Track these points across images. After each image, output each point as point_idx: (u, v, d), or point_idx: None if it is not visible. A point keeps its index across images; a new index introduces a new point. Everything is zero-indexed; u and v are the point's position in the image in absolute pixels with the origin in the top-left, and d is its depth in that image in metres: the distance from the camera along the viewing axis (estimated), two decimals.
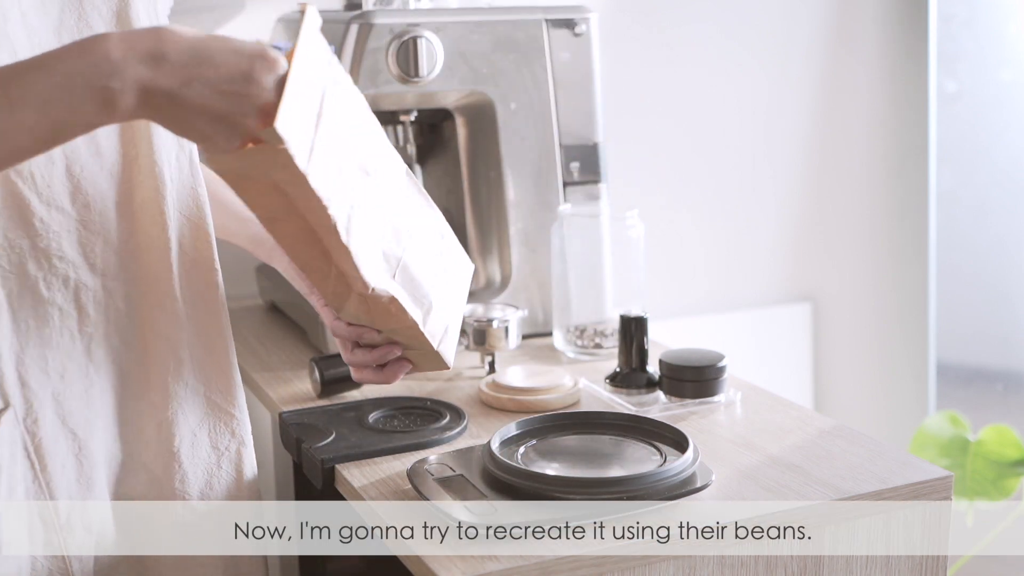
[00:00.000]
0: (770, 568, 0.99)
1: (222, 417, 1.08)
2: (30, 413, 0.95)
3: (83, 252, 0.97)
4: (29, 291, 0.94)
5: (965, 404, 2.09)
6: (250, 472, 1.11)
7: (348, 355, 1.11)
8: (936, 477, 1.05)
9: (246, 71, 0.85)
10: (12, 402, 0.94)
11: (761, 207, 2.08)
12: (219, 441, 1.08)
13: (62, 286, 0.96)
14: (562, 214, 1.44)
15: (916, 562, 1.05)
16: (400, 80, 1.39)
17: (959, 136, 2.11)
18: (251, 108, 0.86)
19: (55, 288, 0.96)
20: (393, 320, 1.05)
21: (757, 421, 1.20)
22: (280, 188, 0.93)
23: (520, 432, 1.10)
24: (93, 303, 0.98)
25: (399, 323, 1.06)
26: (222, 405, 1.08)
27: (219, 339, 1.08)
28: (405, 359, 1.11)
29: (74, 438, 0.98)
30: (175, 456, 1.05)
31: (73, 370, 0.97)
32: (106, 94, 0.82)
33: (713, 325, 2.04)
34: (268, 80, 0.86)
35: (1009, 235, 2.12)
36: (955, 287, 2.14)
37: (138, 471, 1.04)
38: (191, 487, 1.06)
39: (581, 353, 1.43)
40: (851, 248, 2.16)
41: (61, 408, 0.97)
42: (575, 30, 1.48)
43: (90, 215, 0.97)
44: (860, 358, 2.19)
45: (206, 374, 1.07)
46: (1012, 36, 2.10)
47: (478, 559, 0.90)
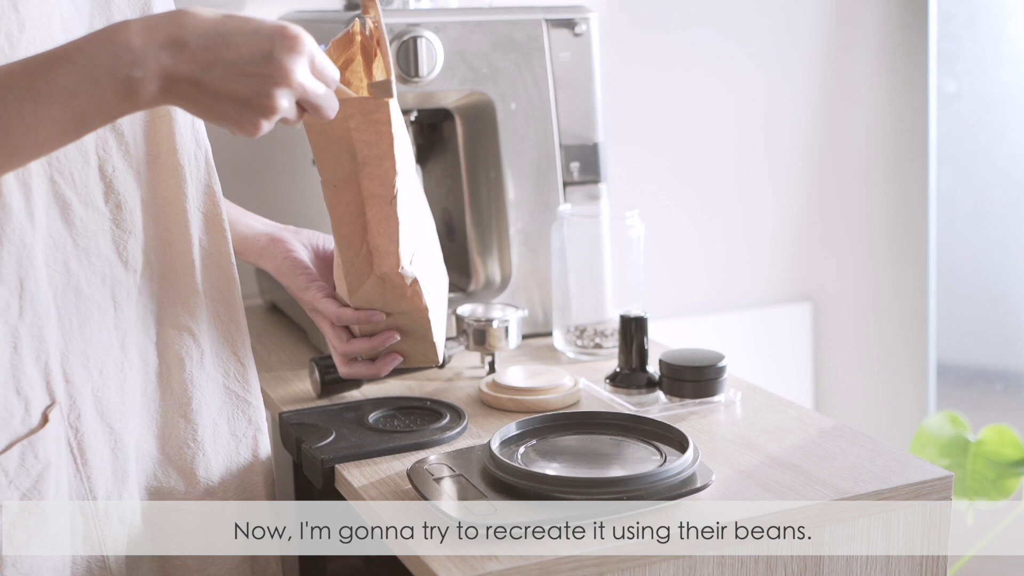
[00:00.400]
0: (770, 568, 0.99)
1: (239, 405, 1.11)
2: (73, 409, 0.96)
3: (116, 250, 0.99)
4: (73, 289, 0.96)
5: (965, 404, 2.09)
6: (264, 456, 1.13)
7: (345, 345, 1.14)
8: (936, 477, 1.05)
9: (267, 51, 0.85)
10: (58, 398, 0.95)
11: (761, 207, 2.08)
12: (237, 428, 1.11)
13: (100, 283, 0.98)
14: (562, 214, 1.44)
15: (916, 562, 1.05)
16: (400, 80, 1.39)
17: (959, 136, 2.11)
18: (273, 88, 0.85)
19: (95, 286, 0.97)
20: (406, 303, 1.10)
21: (757, 421, 1.20)
22: (354, 151, 1.02)
23: (520, 432, 1.10)
24: (126, 299, 1.00)
25: (412, 306, 1.11)
26: (240, 393, 1.11)
27: (236, 330, 1.10)
28: (396, 352, 1.16)
29: (111, 432, 1.00)
30: (200, 445, 1.07)
31: (110, 365, 0.99)
32: (129, 83, 0.82)
33: (713, 325, 2.04)
34: (288, 60, 0.86)
35: (1009, 235, 2.12)
36: (955, 287, 2.14)
37: (166, 463, 1.06)
38: (214, 474, 1.08)
39: (581, 353, 1.43)
40: (851, 248, 2.16)
41: (100, 403, 0.99)
42: (575, 30, 1.48)
43: (121, 214, 0.99)
44: (860, 358, 2.19)
45: (224, 364, 1.09)
46: (1012, 36, 2.10)
47: (478, 559, 0.90)
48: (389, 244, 1.07)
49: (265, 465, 1.14)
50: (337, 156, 1.04)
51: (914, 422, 2.15)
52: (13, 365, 0.92)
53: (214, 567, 1.09)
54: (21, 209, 0.91)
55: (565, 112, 1.49)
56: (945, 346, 2.15)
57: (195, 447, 1.07)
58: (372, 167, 1.04)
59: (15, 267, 0.91)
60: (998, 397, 2.15)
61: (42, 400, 0.94)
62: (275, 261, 1.20)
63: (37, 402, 0.93)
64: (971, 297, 2.15)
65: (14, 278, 0.91)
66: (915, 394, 2.18)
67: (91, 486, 0.98)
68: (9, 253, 0.90)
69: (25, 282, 0.92)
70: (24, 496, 0.92)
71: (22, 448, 0.92)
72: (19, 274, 0.91)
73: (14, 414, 0.92)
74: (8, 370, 0.91)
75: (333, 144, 1.03)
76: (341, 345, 1.15)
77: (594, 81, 1.50)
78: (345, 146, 1.03)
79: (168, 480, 1.06)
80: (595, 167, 1.52)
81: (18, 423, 0.92)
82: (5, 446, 0.91)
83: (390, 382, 1.34)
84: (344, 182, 1.05)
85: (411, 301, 1.10)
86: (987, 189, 2.14)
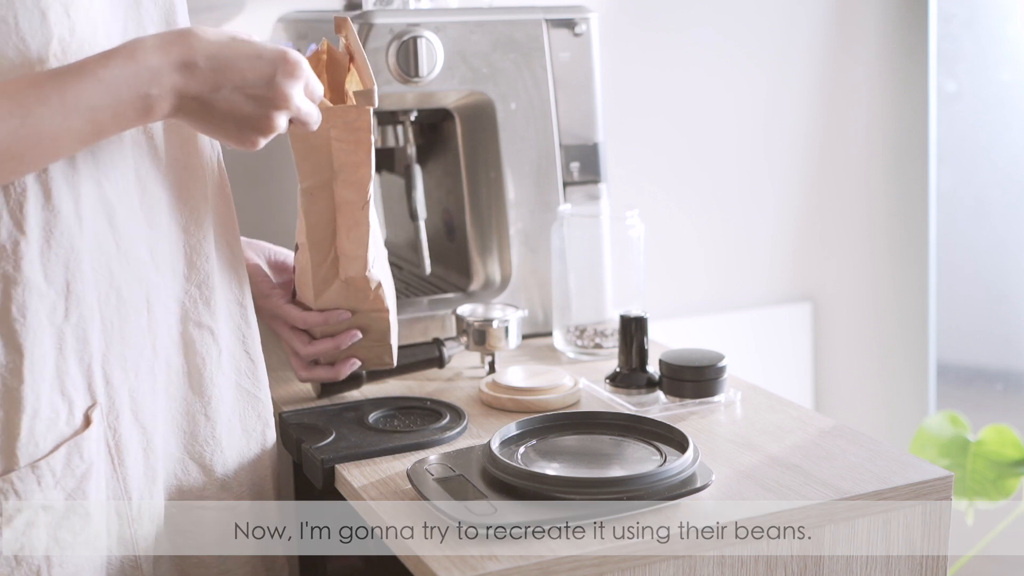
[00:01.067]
0: (770, 568, 0.99)
1: (250, 401, 1.13)
2: (112, 409, 0.98)
3: (151, 253, 1.01)
4: (115, 292, 0.98)
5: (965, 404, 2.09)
6: (272, 449, 1.16)
7: (307, 348, 1.22)
8: (936, 477, 1.05)
9: (269, 76, 0.94)
10: (99, 399, 0.97)
11: (761, 207, 2.08)
12: (248, 424, 1.13)
13: (137, 285, 1.00)
14: (562, 214, 1.44)
15: (916, 562, 1.05)
16: (400, 80, 1.39)
17: (959, 136, 2.11)
18: (273, 111, 0.95)
19: (132, 288, 0.99)
20: (368, 305, 1.18)
21: (757, 421, 1.20)
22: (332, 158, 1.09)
23: (520, 432, 1.10)
24: (157, 301, 1.02)
25: (374, 307, 1.18)
26: (251, 390, 1.13)
27: (247, 327, 1.13)
28: (353, 356, 1.24)
29: (143, 432, 1.02)
30: (218, 442, 1.09)
31: (143, 367, 1.01)
32: (147, 100, 0.90)
33: (713, 325, 2.04)
34: (288, 85, 0.95)
35: (1009, 235, 2.12)
36: (955, 287, 2.14)
37: (187, 460, 1.08)
38: (230, 469, 1.10)
39: (581, 353, 1.43)
40: (851, 248, 2.16)
41: (135, 404, 1.01)
42: (575, 30, 1.48)
43: (154, 217, 1.02)
44: (860, 358, 2.19)
45: (236, 361, 1.11)
46: (1012, 36, 2.10)
47: (478, 559, 0.90)
48: (358, 248, 1.13)
49: (273, 458, 1.16)
50: (316, 164, 1.10)
51: (914, 422, 2.15)
52: (58, 367, 0.93)
53: (231, 562, 1.11)
54: (70, 212, 0.93)
55: (565, 112, 1.49)
56: (945, 346, 2.15)
57: (214, 444, 1.09)
58: (348, 174, 1.11)
59: (63, 270, 0.93)
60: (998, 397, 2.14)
61: (84, 401, 0.95)
62: None
63: (80, 403, 0.95)
64: (971, 297, 2.15)
65: (61, 280, 0.93)
66: (915, 394, 2.18)
67: (126, 486, 1.00)
68: (57, 256, 0.92)
69: (72, 284, 0.93)
70: (69, 496, 0.94)
71: (68, 449, 0.93)
72: (66, 276, 0.93)
73: (59, 415, 0.93)
74: (54, 372, 0.93)
75: (313, 153, 1.10)
76: (304, 348, 1.22)
77: (594, 81, 1.50)
78: (324, 154, 1.10)
79: (187, 477, 1.08)
80: (595, 167, 1.52)
81: (63, 424, 0.94)
82: (52, 447, 0.93)
83: (390, 382, 1.34)
84: (320, 189, 1.12)
85: (373, 303, 1.18)
86: (987, 189, 2.14)
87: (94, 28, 0.93)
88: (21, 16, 0.87)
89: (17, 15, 0.87)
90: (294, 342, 1.23)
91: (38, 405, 0.91)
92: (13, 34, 0.87)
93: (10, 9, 0.87)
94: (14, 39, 0.87)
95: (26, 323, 0.90)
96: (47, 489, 0.92)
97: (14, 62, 0.87)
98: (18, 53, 0.87)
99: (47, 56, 0.89)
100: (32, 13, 0.88)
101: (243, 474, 1.12)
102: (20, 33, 0.87)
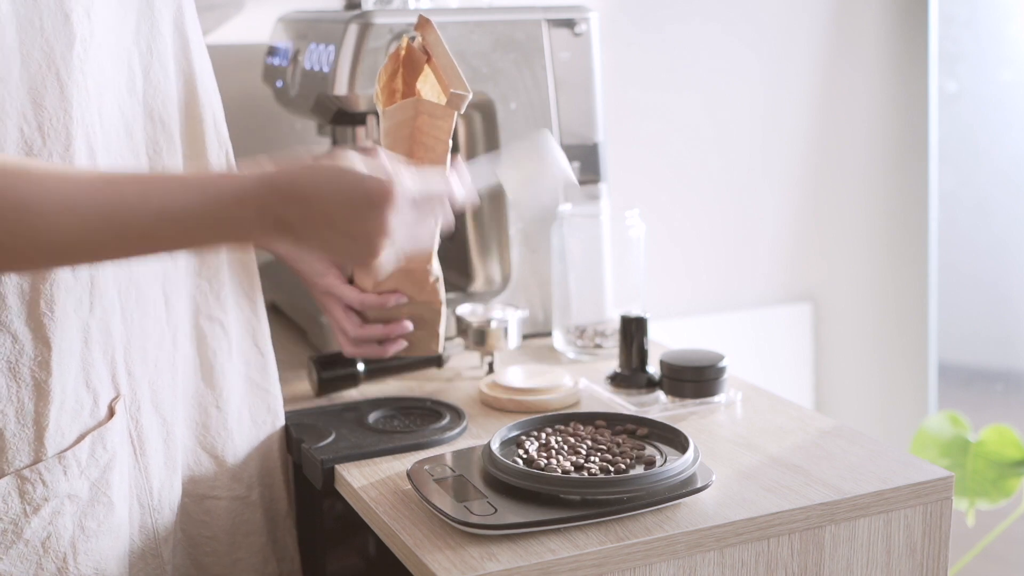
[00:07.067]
0: (770, 568, 0.99)
1: (260, 394, 1.15)
2: (134, 401, 1.01)
3: None
4: (134, 285, 1.00)
5: (965, 404, 2.09)
6: (279, 440, 1.17)
7: (359, 330, 1.20)
8: (936, 477, 1.04)
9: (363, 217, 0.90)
10: (122, 391, 0.99)
11: (761, 207, 2.08)
12: (257, 416, 1.15)
13: (154, 279, 1.02)
14: (562, 214, 1.43)
15: (916, 562, 1.05)
16: None
17: (959, 136, 2.11)
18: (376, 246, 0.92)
19: (151, 281, 1.02)
20: (425, 296, 1.18)
21: (757, 421, 1.20)
22: (412, 151, 1.11)
23: (520, 432, 1.10)
24: (174, 293, 1.05)
25: (429, 298, 1.18)
26: (260, 383, 1.15)
27: (257, 322, 1.14)
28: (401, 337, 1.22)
29: (164, 423, 1.04)
30: (229, 434, 1.11)
31: (163, 359, 1.04)
32: (243, 243, 1.02)
33: (713, 325, 2.04)
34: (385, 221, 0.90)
35: (1009, 235, 2.12)
36: (955, 287, 2.14)
37: (200, 451, 1.10)
38: (240, 461, 1.12)
39: (581, 353, 1.42)
40: (851, 248, 2.16)
41: (155, 395, 1.03)
42: (575, 30, 1.48)
43: None
44: (860, 358, 2.19)
45: (246, 354, 1.13)
46: (1012, 36, 2.10)
47: (478, 559, 0.90)
48: None
49: (282, 449, 1.17)
50: (396, 150, 1.11)
51: (914, 422, 2.15)
52: (83, 359, 0.95)
53: (242, 550, 1.13)
54: None
55: (565, 112, 1.49)
56: (945, 346, 2.14)
57: (225, 435, 1.11)
58: (427, 162, 1.11)
59: None
60: (998, 397, 2.14)
61: (108, 393, 0.98)
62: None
63: (104, 395, 0.97)
64: (971, 297, 2.15)
65: (86, 274, 0.95)
66: (915, 394, 2.18)
67: (147, 476, 1.02)
68: None
69: (95, 278, 0.96)
70: (93, 485, 0.96)
71: (92, 440, 0.96)
72: (90, 270, 0.95)
73: (84, 406, 0.96)
74: (79, 364, 0.95)
75: (397, 143, 1.11)
76: (354, 329, 1.20)
77: (594, 81, 1.50)
78: (405, 143, 1.11)
79: (200, 468, 1.10)
80: (595, 167, 1.52)
81: (87, 415, 0.96)
82: (77, 437, 0.95)
83: (390, 382, 1.34)
84: None
85: (429, 295, 1.18)
86: (987, 189, 2.14)
87: (107, 30, 0.95)
88: (46, 18, 0.89)
89: (43, 17, 0.89)
90: (345, 322, 1.21)
91: (64, 397, 0.94)
92: (39, 36, 0.89)
93: (36, 11, 0.89)
94: (39, 40, 0.89)
95: (54, 317, 0.92)
96: (72, 479, 0.94)
97: (40, 63, 0.89)
98: (44, 55, 0.90)
99: (71, 58, 0.91)
100: (56, 15, 0.90)
101: (253, 465, 1.13)
102: (45, 35, 0.89)
